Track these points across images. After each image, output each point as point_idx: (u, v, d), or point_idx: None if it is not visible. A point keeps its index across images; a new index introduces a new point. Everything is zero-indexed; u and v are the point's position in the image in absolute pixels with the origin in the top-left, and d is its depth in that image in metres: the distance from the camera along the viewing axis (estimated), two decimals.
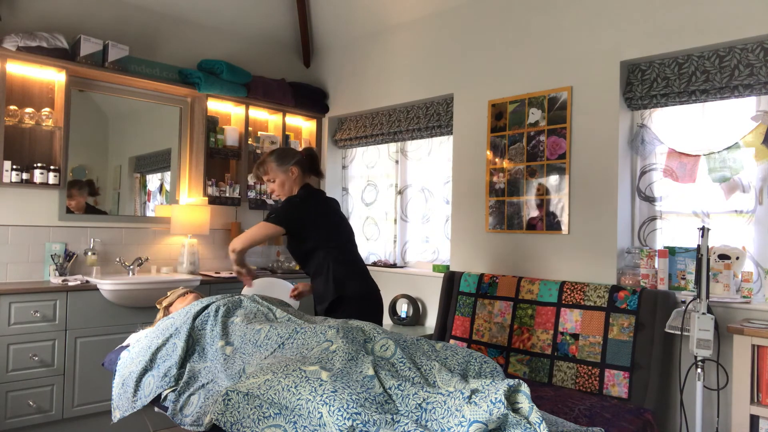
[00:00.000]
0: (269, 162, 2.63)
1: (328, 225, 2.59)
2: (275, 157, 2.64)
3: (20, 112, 3.22)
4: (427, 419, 1.47)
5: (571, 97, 3.10)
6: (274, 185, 2.64)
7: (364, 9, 4.24)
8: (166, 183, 4.02)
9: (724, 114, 2.75)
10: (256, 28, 4.47)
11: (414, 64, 3.99)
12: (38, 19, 3.41)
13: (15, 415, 2.95)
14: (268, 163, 2.63)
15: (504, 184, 3.39)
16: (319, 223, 2.55)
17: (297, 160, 2.64)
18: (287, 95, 4.40)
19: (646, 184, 2.98)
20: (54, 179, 3.29)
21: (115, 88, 3.70)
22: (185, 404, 1.86)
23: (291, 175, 2.63)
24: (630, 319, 2.65)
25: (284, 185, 2.64)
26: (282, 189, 2.64)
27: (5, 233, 3.28)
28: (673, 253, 2.75)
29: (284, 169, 2.63)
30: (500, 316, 3.10)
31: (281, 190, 2.65)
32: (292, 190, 2.64)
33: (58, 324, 3.09)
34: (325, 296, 2.53)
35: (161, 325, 2.27)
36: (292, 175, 2.63)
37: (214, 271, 4.09)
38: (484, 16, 3.56)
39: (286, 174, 2.63)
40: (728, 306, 2.51)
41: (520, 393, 1.44)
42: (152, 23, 3.91)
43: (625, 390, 2.57)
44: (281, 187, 2.64)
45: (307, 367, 1.64)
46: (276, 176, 2.62)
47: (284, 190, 2.64)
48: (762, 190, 2.62)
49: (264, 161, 2.65)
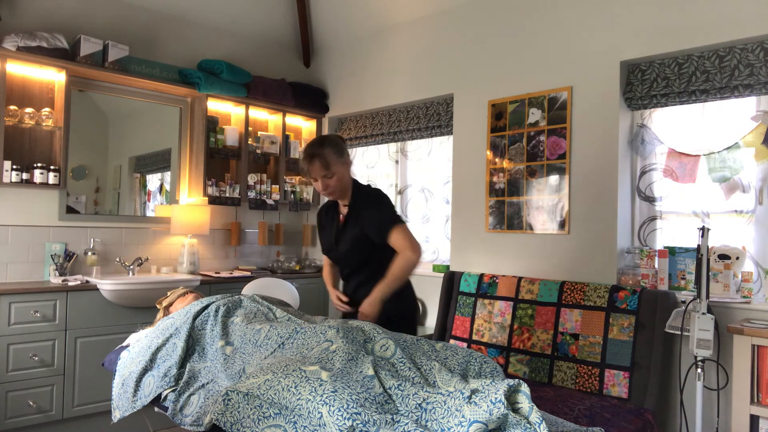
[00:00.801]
0: (329, 154, 2.21)
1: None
2: (333, 149, 2.23)
3: (20, 112, 3.23)
4: (427, 419, 1.47)
5: (571, 97, 3.10)
6: (333, 181, 2.23)
7: (364, 9, 4.24)
8: (166, 183, 4.02)
9: (724, 114, 2.75)
10: (256, 28, 4.47)
11: (414, 64, 3.99)
12: (38, 19, 3.41)
13: (15, 415, 2.95)
14: (328, 156, 2.21)
15: (504, 184, 3.39)
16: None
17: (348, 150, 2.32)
18: (287, 95, 4.40)
19: (646, 184, 2.98)
20: (54, 179, 3.29)
21: (115, 88, 3.70)
22: (185, 404, 1.86)
23: (348, 168, 2.28)
24: (630, 319, 2.65)
25: (343, 179, 2.26)
26: (340, 184, 2.25)
27: (5, 233, 3.29)
28: (673, 253, 2.75)
29: (344, 161, 2.26)
30: (500, 316, 3.10)
31: (340, 186, 2.26)
32: (349, 185, 2.30)
33: (58, 324, 3.09)
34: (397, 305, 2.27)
35: (161, 325, 2.27)
36: (348, 169, 2.28)
37: (214, 271, 4.09)
38: (484, 16, 3.56)
39: (345, 166, 2.26)
40: (728, 306, 2.51)
41: (520, 393, 1.44)
42: (152, 23, 3.91)
43: (625, 390, 2.57)
44: (340, 182, 2.25)
45: (307, 367, 1.64)
46: (337, 170, 2.23)
47: (342, 185, 2.27)
48: (762, 190, 2.61)
49: (321, 154, 2.21)
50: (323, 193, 2.29)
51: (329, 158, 2.21)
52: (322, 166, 2.21)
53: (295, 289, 3.81)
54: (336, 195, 2.30)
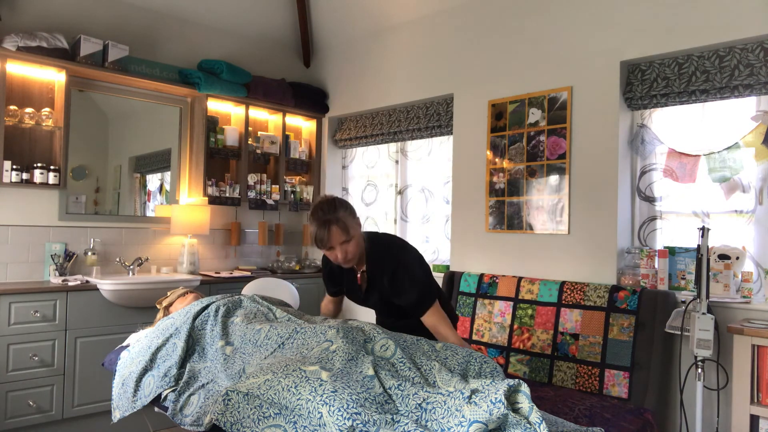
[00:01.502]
0: (345, 217, 2.01)
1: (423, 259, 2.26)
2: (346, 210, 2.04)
3: (20, 112, 3.23)
4: (427, 419, 1.47)
5: (571, 97, 3.10)
6: (351, 246, 2.02)
7: (364, 9, 4.24)
8: (166, 183, 4.02)
9: (724, 114, 2.75)
10: (256, 28, 4.47)
11: (414, 64, 3.99)
12: (38, 19, 3.41)
13: (15, 415, 2.95)
14: (345, 219, 2.01)
15: (504, 184, 3.39)
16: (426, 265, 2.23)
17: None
18: (287, 95, 4.40)
19: (646, 184, 2.98)
20: (54, 179, 3.29)
21: (115, 88, 3.70)
22: (185, 404, 1.86)
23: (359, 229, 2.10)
24: (630, 319, 2.65)
25: (360, 243, 2.09)
26: (357, 248, 2.06)
27: (5, 233, 3.29)
28: (673, 253, 2.75)
29: (357, 222, 2.07)
30: (500, 316, 3.10)
31: (356, 252, 2.06)
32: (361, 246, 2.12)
33: (58, 324, 3.09)
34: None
35: (161, 325, 2.27)
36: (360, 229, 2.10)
37: (214, 271, 4.09)
38: (484, 15, 3.56)
39: (358, 227, 2.07)
40: (728, 306, 2.51)
41: (520, 393, 1.44)
42: (152, 23, 3.91)
43: (625, 390, 2.57)
44: (358, 246, 2.06)
45: (307, 367, 1.64)
46: (355, 233, 2.04)
47: (358, 249, 2.07)
48: (762, 190, 2.61)
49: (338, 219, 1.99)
50: (343, 263, 2.06)
51: (347, 221, 2.01)
52: (342, 231, 1.99)
53: (295, 289, 3.81)
54: (354, 262, 2.09)
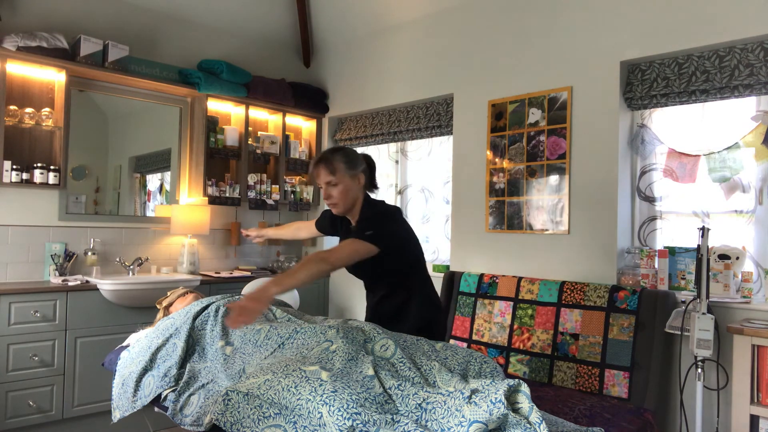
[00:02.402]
0: (338, 162, 2.16)
1: (417, 243, 2.28)
2: (345, 159, 2.18)
3: (20, 112, 3.23)
4: (427, 419, 1.47)
5: (571, 97, 3.10)
6: (336, 191, 2.16)
7: (364, 9, 4.24)
8: (166, 183, 4.02)
9: (724, 114, 2.75)
10: (256, 28, 4.47)
11: (414, 64, 3.99)
12: (38, 19, 3.41)
13: (15, 415, 2.95)
14: (336, 163, 2.16)
15: (504, 184, 3.39)
16: (414, 241, 2.25)
17: (364, 168, 2.24)
18: (287, 95, 4.40)
19: (646, 184, 2.98)
20: (54, 179, 3.29)
21: (115, 88, 3.70)
22: (185, 404, 1.86)
23: (358, 183, 2.20)
24: (630, 319, 2.65)
25: (348, 193, 2.18)
26: (344, 197, 2.18)
27: (5, 233, 3.29)
28: (673, 253, 2.75)
29: (353, 174, 2.18)
30: (500, 316, 3.10)
31: (343, 199, 2.18)
32: (355, 202, 2.22)
33: (58, 324, 3.09)
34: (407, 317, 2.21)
35: (161, 325, 2.27)
36: (359, 184, 2.20)
37: (214, 271, 4.09)
38: (484, 16, 3.56)
39: (353, 180, 2.18)
40: (728, 306, 2.51)
41: (520, 393, 1.44)
42: (152, 23, 3.91)
43: (625, 390, 2.57)
44: (344, 194, 2.17)
45: (307, 367, 1.64)
46: (342, 180, 2.16)
47: (347, 199, 2.19)
48: (762, 190, 2.62)
49: (330, 159, 2.17)
50: (327, 203, 2.21)
51: (336, 165, 2.15)
52: (328, 171, 2.15)
53: (295, 289, 3.81)
54: (339, 209, 2.21)
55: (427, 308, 2.25)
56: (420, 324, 2.21)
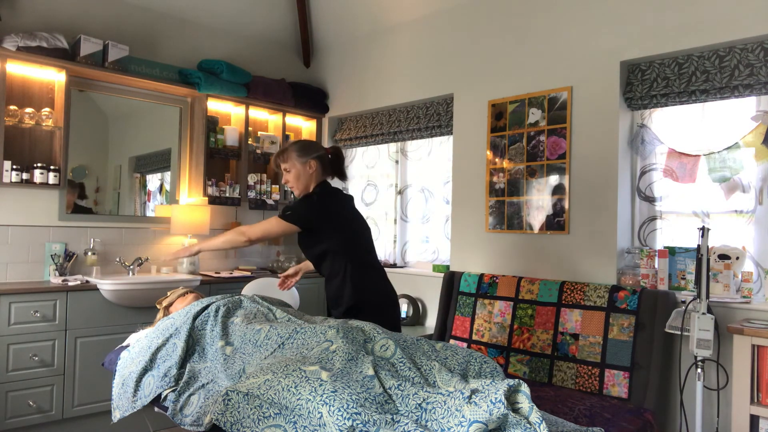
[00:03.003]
0: (291, 151, 2.47)
1: (345, 225, 2.44)
2: (297, 147, 2.48)
3: (20, 112, 3.23)
4: (427, 419, 1.47)
5: (571, 97, 3.10)
6: (290, 176, 2.47)
7: (364, 9, 4.24)
8: (166, 183, 4.02)
9: (724, 114, 2.75)
10: (256, 28, 4.47)
11: (414, 64, 3.99)
12: (38, 19, 3.41)
13: (15, 415, 2.95)
14: (289, 152, 2.47)
15: (504, 184, 3.39)
16: (336, 224, 2.41)
17: (319, 155, 2.48)
18: (287, 95, 4.40)
19: (646, 184, 2.98)
20: (54, 179, 3.29)
21: (115, 88, 3.70)
22: (185, 404, 1.86)
23: (308, 170, 2.45)
24: (630, 319, 2.65)
25: (299, 178, 2.46)
26: (297, 182, 2.47)
27: (5, 233, 3.28)
28: (673, 253, 2.75)
29: (303, 161, 2.45)
30: (500, 316, 3.10)
31: (296, 183, 2.47)
32: (308, 186, 2.48)
33: (58, 324, 3.09)
34: (341, 301, 2.41)
35: (161, 325, 2.27)
36: (309, 170, 2.45)
37: (214, 271, 4.09)
38: (484, 15, 3.56)
39: (303, 167, 2.45)
40: (728, 306, 2.51)
41: (520, 393, 1.44)
42: (152, 23, 3.91)
43: (625, 390, 2.57)
44: (296, 179, 2.46)
45: (307, 367, 1.64)
46: (293, 167, 2.45)
47: (299, 183, 2.47)
48: (762, 190, 2.61)
49: (286, 149, 2.50)
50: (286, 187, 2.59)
51: (289, 154, 2.46)
52: (282, 159, 2.48)
53: (295, 289, 3.81)
54: (296, 192, 2.50)
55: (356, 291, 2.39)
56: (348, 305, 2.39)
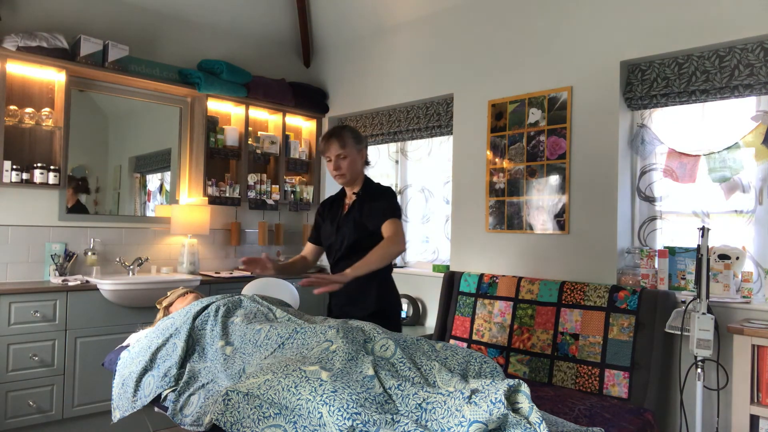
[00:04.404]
0: (348, 137, 2.35)
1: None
2: (353, 134, 2.38)
3: (20, 112, 3.23)
4: (427, 419, 1.47)
5: (571, 97, 3.10)
6: (345, 163, 2.34)
7: (364, 9, 4.24)
8: (166, 183, 4.02)
9: (724, 114, 2.75)
10: (256, 28, 4.47)
11: (414, 64, 3.99)
12: (38, 19, 3.41)
13: (15, 415, 2.95)
14: (346, 137, 2.34)
15: (504, 184, 3.39)
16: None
17: (366, 145, 2.45)
18: (287, 95, 4.40)
19: (646, 184, 2.98)
20: (54, 179, 3.29)
21: (115, 88, 3.70)
22: (185, 404, 1.86)
23: (362, 158, 2.40)
24: (630, 319, 2.65)
25: (354, 166, 2.36)
26: (350, 169, 2.35)
27: (5, 233, 3.28)
28: (673, 253, 2.75)
29: (359, 149, 2.38)
30: (500, 316, 3.10)
31: (349, 171, 2.35)
32: (358, 176, 2.41)
33: (58, 324, 3.09)
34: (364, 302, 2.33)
35: (161, 325, 2.27)
36: (362, 158, 2.40)
37: (214, 271, 4.09)
38: (484, 16, 3.56)
39: (359, 154, 2.38)
40: (728, 306, 2.51)
41: (520, 393, 1.44)
42: (152, 23, 3.91)
43: (625, 390, 2.57)
44: (351, 167, 2.35)
45: (307, 367, 1.64)
46: (350, 154, 2.34)
47: (352, 171, 2.36)
48: (762, 190, 2.62)
49: (341, 134, 2.34)
50: (334, 174, 2.38)
51: (347, 139, 2.34)
52: (339, 145, 2.32)
53: (295, 289, 3.81)
54: (345, 180, 2.38)
55: (389, 293, 2.37)
56: (376, 308, 2.31)
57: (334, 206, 2.52)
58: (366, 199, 2.39)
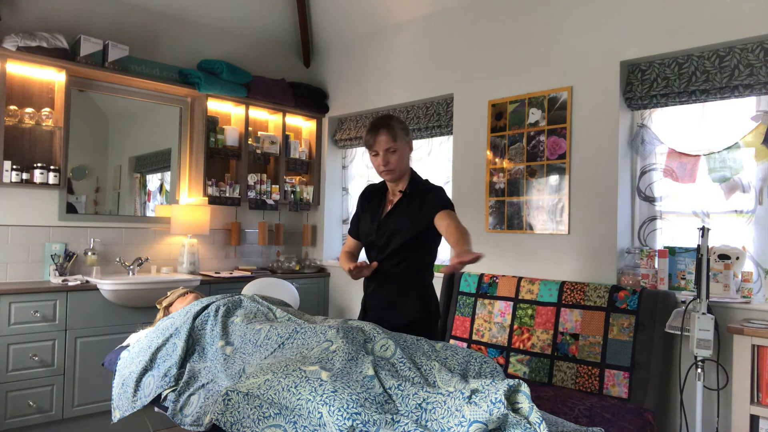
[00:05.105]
0: (398, 128, 2.15)
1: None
2: (402, 126, 2.18)
3: (20, 112, 3.23)
4: (427, 419, 1.47)
5: (571, 97, 3.10)
6: (395, 157, 2.14)
7: (364, 9, 4.24)
8: (166, 183, 4.02)
9: (724, 114, 2.75)
10: (256, 28, 4.47)
11: (414, 64, 3.99)
12: (38, 19, 3.41)
13: (15, 415, 2.95)
14: (396, 129, 2.14)
15: (504, 184, 3.39)
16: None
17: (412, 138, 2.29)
18: (287, 95, 4.40)
19: (646, 184, 2.98)
20: (54, 179, 3.29)
21: (115, 88, 3.70)
22: (185, 404, 1.86)
23: (410, 150, 2.23)
24: (630, 319, 2.65)
25: (404, 159, 2.18)
26: (399, 163, 2.16)
27: (5, 233, 3.28)
28: (673, 253, 2.75)
29: (408, 141, 2.20)
30: (500, 316, 3.10)
31: (398, 165, 2.16)
32: (406, 170, 2.22)
33: (58, 324, 3.09)
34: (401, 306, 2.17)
35: (161, 325, 2.27)
36: (410, 150, 2.23)
37: (214, 271, 4.09)
38: (485, 16, 3.56)
39: (408, 146, 2.20)
40: (728, 306, 2.51)
41: (520, 393, 1.44)
42: (152, 23, 3.91)
43: (625, 390, 2.57)
44: (401, 160, 2.16)
45: (307, 367, 1.64)
46: (400, 147, 2.15)
47: (401, 166, 2.18)
48: (762, 190, 2.61)
49: (390, 125, 2.13)
50: (382, 170, 2.17)
51: (397, 131, 2.14)
52: (390, 137, 2.12)
53: (295, 289, 3.81)
54: (394, 175, 2.19)
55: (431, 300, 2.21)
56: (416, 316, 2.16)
57: (374, 200, 2.32)
58: (415, 197, 2.19)
